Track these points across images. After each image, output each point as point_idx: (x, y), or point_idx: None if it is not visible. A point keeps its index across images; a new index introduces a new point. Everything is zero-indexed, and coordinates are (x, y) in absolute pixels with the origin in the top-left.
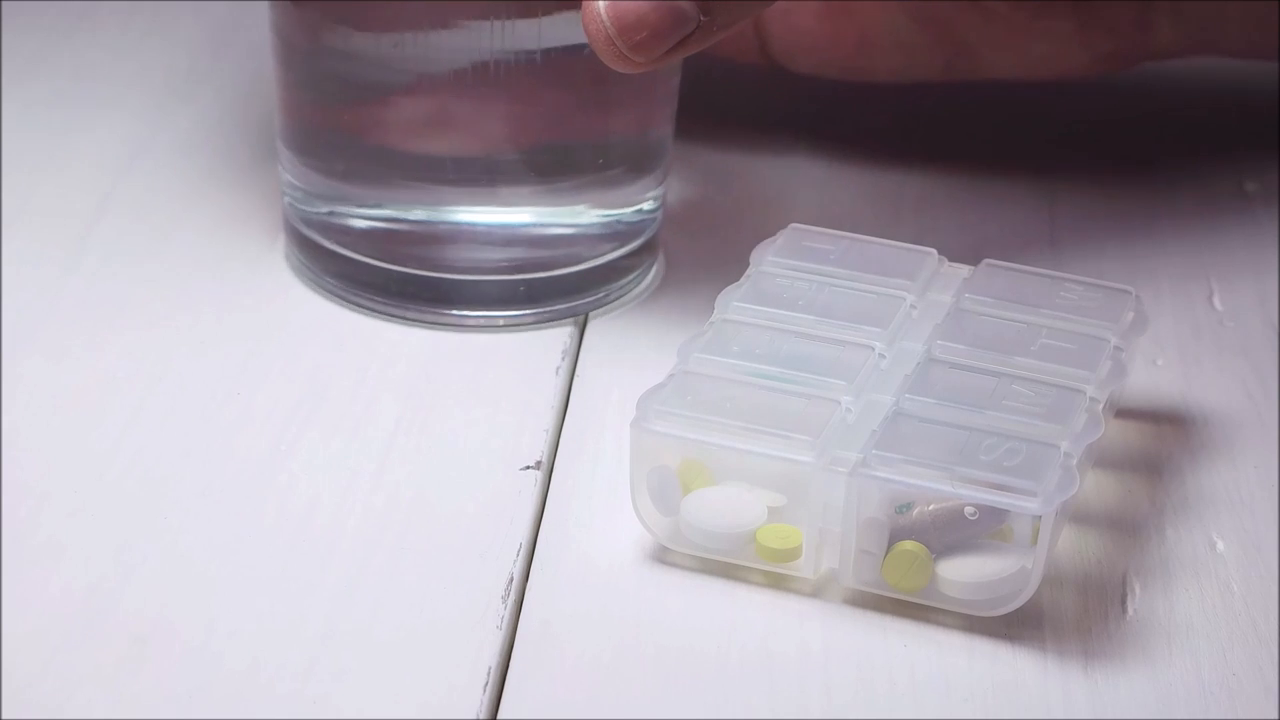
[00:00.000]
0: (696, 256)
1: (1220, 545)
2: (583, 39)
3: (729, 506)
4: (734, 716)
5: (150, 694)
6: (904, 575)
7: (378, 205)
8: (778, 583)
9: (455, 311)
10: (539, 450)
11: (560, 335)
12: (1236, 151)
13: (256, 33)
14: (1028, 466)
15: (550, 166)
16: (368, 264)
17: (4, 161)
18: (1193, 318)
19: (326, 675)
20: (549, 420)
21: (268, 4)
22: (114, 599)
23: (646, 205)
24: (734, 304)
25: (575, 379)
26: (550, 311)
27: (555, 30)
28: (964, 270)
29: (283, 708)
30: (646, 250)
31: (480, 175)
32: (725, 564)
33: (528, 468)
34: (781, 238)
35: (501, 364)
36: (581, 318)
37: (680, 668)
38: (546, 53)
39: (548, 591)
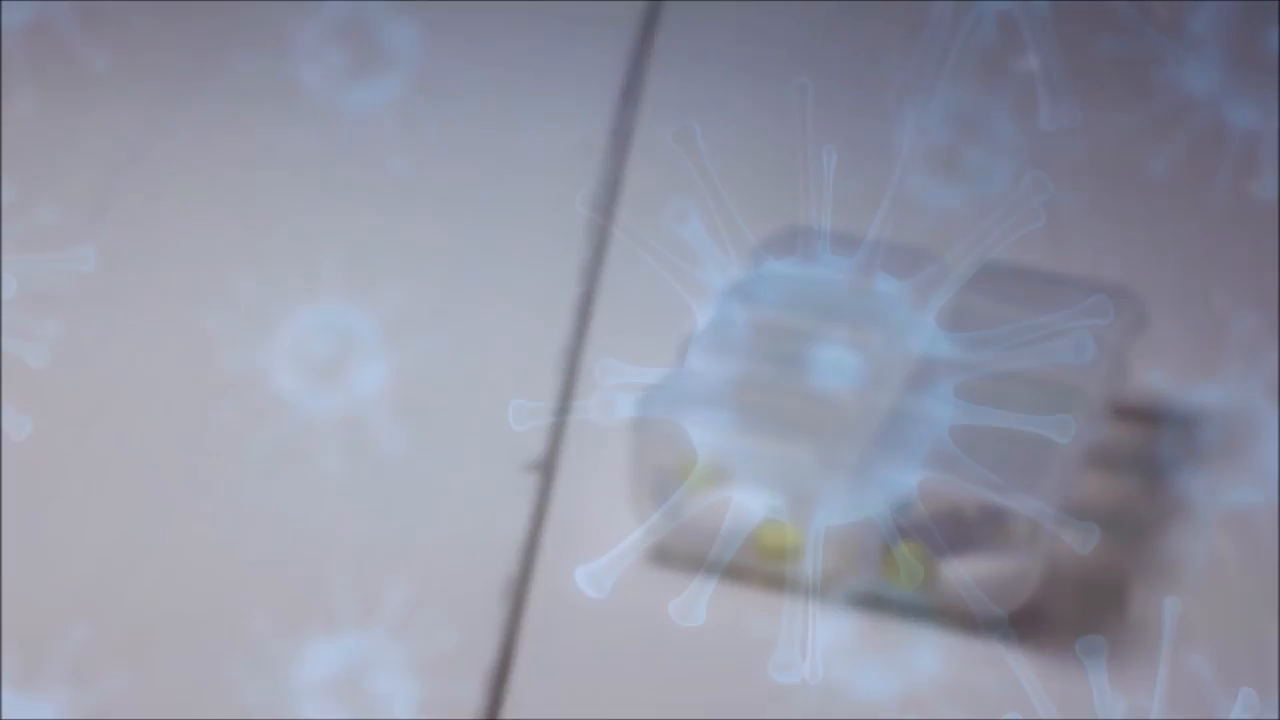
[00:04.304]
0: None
1: (1220, 545)
2: None
3: (729, 506)
4: (733, 716)
5: (151, 692)
6: (904, 575)
7: None
8: (778, 583)
9: None
10: (539, 450)
11: (560, 334)
12: (1236, 151)
13: (256, 33)
14: (1028, 466)
15: None
16: None
17: (4, 161)
18: (1193, 318)
19: (328, 674)
20: (549, 420)
21: None
22: (115, 596)
23: None
24: (733, 304)
25: (575, 379)
26: None
27: None
28: (963, 270)
29: (283, 707)
30: None
31: None
32: (725, 564)
33: (528, 468)
34: (781, 238)
35: (502, 363)
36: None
37: (680, 668)
38: None
39: (548, 591)
